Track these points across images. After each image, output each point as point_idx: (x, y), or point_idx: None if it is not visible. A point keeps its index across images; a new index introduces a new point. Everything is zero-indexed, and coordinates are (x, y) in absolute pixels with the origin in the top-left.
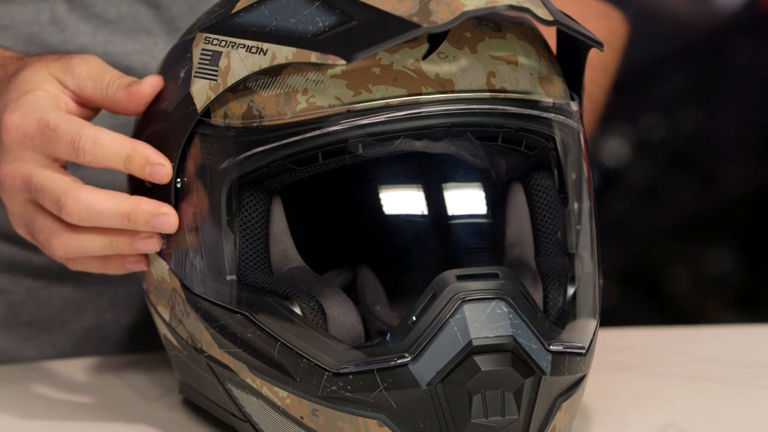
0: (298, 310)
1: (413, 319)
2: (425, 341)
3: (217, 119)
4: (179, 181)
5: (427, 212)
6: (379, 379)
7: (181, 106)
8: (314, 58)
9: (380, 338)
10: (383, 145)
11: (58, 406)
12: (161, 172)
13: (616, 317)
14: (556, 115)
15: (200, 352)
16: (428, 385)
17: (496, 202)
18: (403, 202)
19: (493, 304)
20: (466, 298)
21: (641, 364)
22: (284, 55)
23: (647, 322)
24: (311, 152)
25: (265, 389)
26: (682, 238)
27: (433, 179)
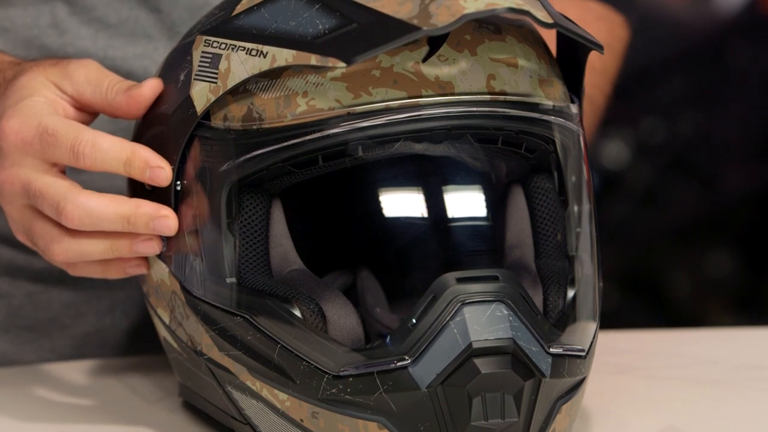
0: (298, 312)
1: (413, 321)
2: (425, 344)
3: (217, 122)
4: (179, 183)
5: (426, 215)
6: (379, 381)
7: (180, 108)
8: (314, 60)
9: (380, 341)
10: (383, 147)
11: (58, 408)
12: (161, 175)
13: (616, 320)
14: (556, 117)
15: (200, 354)
16: (428, 387)
17: (495, 204)
18: (403, 204)
19: (493, 306)
20: (466, 300)
21: (641, 366)
22: (284, 57)
23: (647, 324)
24: (311, 155)
25: (265, 392)
26: (681, 241)
27: (432, 182)
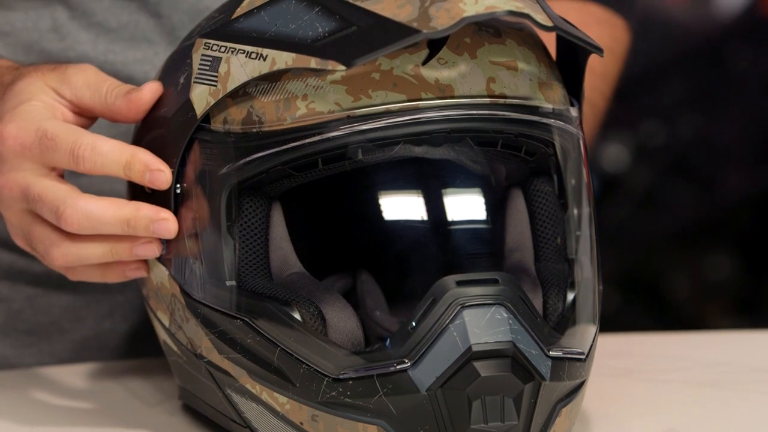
0: (297, 315)
1: (413, 324)
2: (425, 347)
3: (216, 125)
4: (179, 186)
5: (426, 218)
6: (378, 384)
7: (180, 111)
8: (314, 63)
9: (380, 344)
10: (383, 150)
11: (57, 411)
12: (161, 178)
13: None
14: (555, 120)
15: (200, 357)
16: (428, 390)
17: (495, 207)
18: (402, 207)
19: (492, 309)
20: (465, 303)
21: (641, 369)
22: (284, 60)
23: (647, 327)
24: (311, 158)
25: (264, 395)
26: (681, 244)
27: (432, 185)
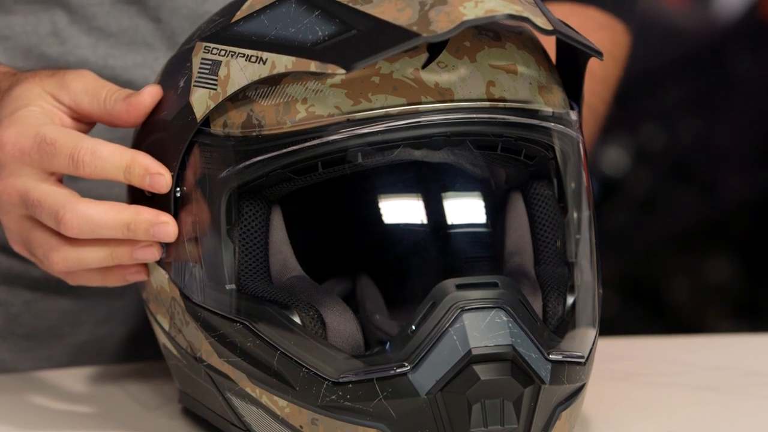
0: (297, 319)
1: (413, 328)
2: (425, 350)
3: (216, 128)
4: (179, 190)
5: (426, 221)
6: (378, 388)
7: (180, 115)
8: (314, 67)
9: (380, 347)
10: (382, 154)
11: (57, 415)
12: (161, 181)
13: (615, 326)
14: (555, 124)
15: (200, 361)
16: (428, 394)
17: (495, 211)
18: (402, 211)
19: (492, 313)
20: (465, 307)
21: (641, 373)
22: (284, 64)
23: (647, 331)
24: (311, 161)
25: (264, 398)
26: (681, 247)
27: (432, 188)
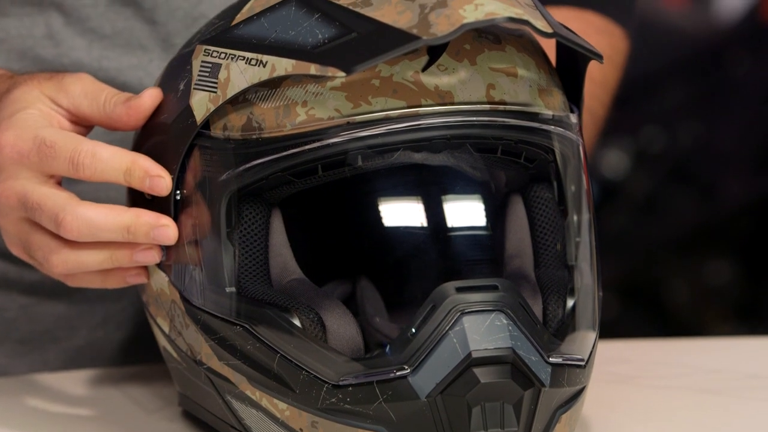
0: (297, 322)
1: (412, 331)
2: (424, 353)
3: (216, 131)
4: (179, 193)
5: (426, 224)
6: (378, 391)
7: (180, 118)
8: (314, 70)
9: (379, 350)
10: (382, 157)
11: (56, 418)
12: (161, 184)
13: (615, 329)
14: (555, 127)
15: (199, 364)
16: (428, 397)
17: (495, 214)
18: (402, 214)
19: (492, 316)
20: (465, 310)
21: (641, 376)
22: (284, 67)
23: (647, 334)
24: (311, 164)
25: (264, 401)
26: (681, 250)
27: (432, 191)
